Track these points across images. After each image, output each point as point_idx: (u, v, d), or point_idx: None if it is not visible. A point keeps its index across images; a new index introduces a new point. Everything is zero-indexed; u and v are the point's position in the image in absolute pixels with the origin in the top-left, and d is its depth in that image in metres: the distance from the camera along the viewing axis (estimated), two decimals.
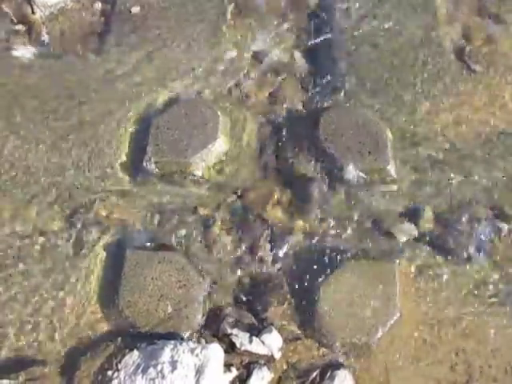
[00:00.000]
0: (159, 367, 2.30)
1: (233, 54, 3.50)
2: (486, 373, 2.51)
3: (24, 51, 3.59)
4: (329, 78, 3.35)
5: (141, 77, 3.40)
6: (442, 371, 2.51)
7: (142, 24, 3.61)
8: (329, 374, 2.45)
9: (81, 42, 3.66)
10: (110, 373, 2.38)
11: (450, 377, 2.50)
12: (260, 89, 3.35)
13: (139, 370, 2.33)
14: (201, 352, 2.34)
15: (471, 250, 2.79)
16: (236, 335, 2.49)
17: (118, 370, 2.37)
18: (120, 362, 2.39)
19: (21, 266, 2.77)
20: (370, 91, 3.28)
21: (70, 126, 3.22)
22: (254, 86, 3.36)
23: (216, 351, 2.38)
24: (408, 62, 3.38)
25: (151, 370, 2.31)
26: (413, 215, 2.88)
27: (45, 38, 3.65)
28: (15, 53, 3.58)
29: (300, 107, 3.29)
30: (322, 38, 3.46)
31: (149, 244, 2.81)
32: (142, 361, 2.36)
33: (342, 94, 3.29)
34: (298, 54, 3.50)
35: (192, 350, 2.35)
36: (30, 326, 2.62)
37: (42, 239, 2.84)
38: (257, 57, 3.48)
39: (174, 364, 2.30)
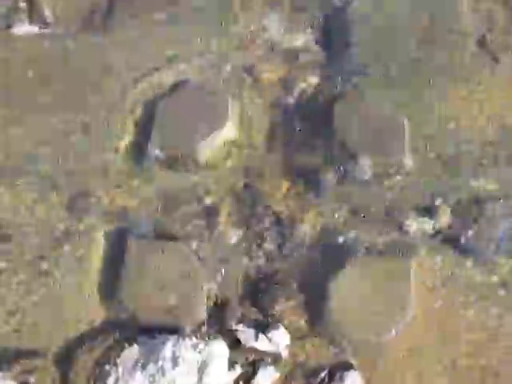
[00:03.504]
0: (160, 363, 2.22)
1: (244, 36, 3.38)
2: (503, 375, 2.40)
3: (25, 29, 3.49)
4: (344, 64, 3.23)
5: (147, 58, 3.29)
6: (458, 374, 2.41)
7: (149, 2, 3.49)
8: (338, 374, 2.36)
9: (84, 20, 3.56)
10: (107, 367, 2.30)
11: (466, 378, 2.41)
12: (272, 73, 3.23)
13: (138, 366, 2.25)
14: (204, 348, 2.26)
15: (491, 247, 2.66)
16: (241, 331, 2.40)
17: (115, 365, 2.29)
18: (118, 356, 2.31)
19: (16, 253, 2.69)
20: (387, 79, 3.15)
21: (71, 107, 3.11)
22: (265, 70, 3.24)
23: (220, 348, 2.29)
24: (428, 50, 3.24)
25: (151, 366, 2.23)
26: (429, 210, 2.76)
27: (47, 16, 3.55)
28: (16, 31, 3.48)
29: (313, 94, 3.17)
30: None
31: (151, 233, 2.73)
32: (142, 356, 2.28)
33: (358, 81, 3.16)
34: (312, 38, 3.37)
35: (195, 346, 2.27)
36: (24, 316, 2.54)
37: (39, 227, 2.76)
38: (269, 40, 3.36)
39: (175, 360, 2.22)
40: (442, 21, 3.33)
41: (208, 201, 2.81)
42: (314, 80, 3.21)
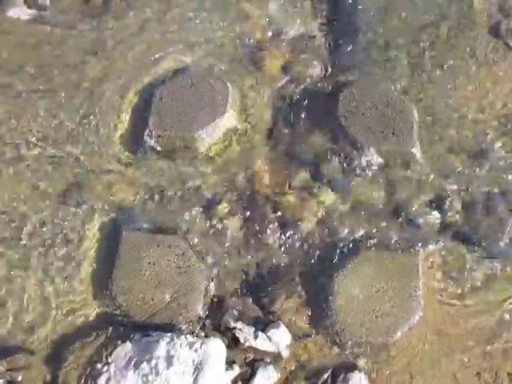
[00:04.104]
0: (153, 362, 2.14)
1: (246, 22, 3.26)
2: None
3: (20, 13, 3.37)
4: (350, 49, 3.12)
5: (145, 43, 3.19)
6: (467, 376, 2.32)
7: None
8: (342, 376, 2.28)
9: (82, 5, 3.42)
10: (99, 366, 2.23)
11: (477, 380, 2.31)
12: (274, 60, 3.12)
13: (131, 365, 2.17)
14: (200, 347, 2.18)
15: (503, 242, 2.56)
16: (240, 329, 2.32)
17: (108, 364, 2.21)
18: (111, 354, 2.24)
19: (9, 246, 2.59)
20: (395, 66, 3.04)
21: (66, 94, 3.01)
22: (267, 57, 3.13)
23: (217, 346, 2.21)
24: (439, 37, 3.13)
25: (144, 365, 2.15)
26: (439, 203, 2.66)
27: (43, 1, 3.42)
28: (10, 14, 3.36)
29: (317, 82, 3.05)
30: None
31: (147, 226, 2.63)
32: (135, 354, 2.20)
33: (365, 67, 3.05)
34: (316, 23, 3.25)
35: (190, 345, 2.19)
36: (14, 311, 2.44)
37: (32, 217, 2.66)
38: (271, 26, 3.25)
39: (169, 359, 2.14)
40: (455, 8, 3.21)
41: (207, 193, 2.71)
42: (317, 67, 3.09)
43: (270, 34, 3.22)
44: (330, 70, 3.08)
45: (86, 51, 3.15)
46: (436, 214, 2.63)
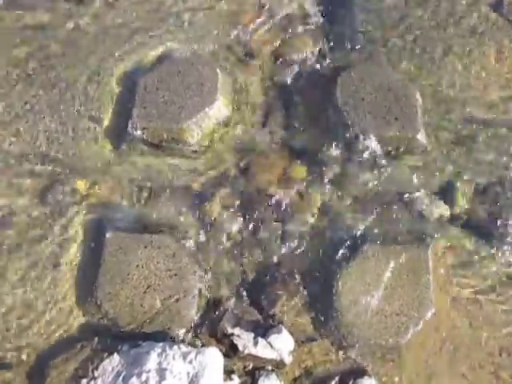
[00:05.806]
0: (144, 377, 2.01)
1: (234, 2, 3.12)
2: None
3: None
4: (348, 30, 3.02)
5: (127, 28, 3.04)
6: (483, 376, 2.22)
7: None
8: (351, 382, 2.17)
9: None
10: (84, 381, 2.09)
11: (492, 380, 2.22)
12: (266, 44, 3.01)
13: (119, 380, 2.03)
14: (195, 358, 2.06)
15: None
16: (238, 336, 2.21)
17: (94, 379, 2.08)
18: (97, 368, 2.12)
19: None
20: (396, 47, 2.93)
21: (43, 85, 2.87)
22: (259, 40, 3.02)
23: (214, 356, 2.09)
24: (439, 15, 3.03)
25: (134, 379, 2.01)
26: (447, 192, 2.57)
27: None
28: None
29: (313, 65, 2.94)
30: None
31: (134, 225, 2.51)
32: (124, 368, 2.08)
33: (364, 50, 2.94)
34: (310, 2, 3.13)
35: (184, 355, 2.06)
36: None
37: (9, 217, 2.52)
38: (263, 6, 3.11)
39: (161, 373, 2.00)
40: None
41: (198, 188, 2.59)
42: (313, 50, 2.96)
43: (261, 13, 3.08)
44: (327, 52, 2.96)
45: (62, 38, 3.00)
46: (445, 203, 2.53)
